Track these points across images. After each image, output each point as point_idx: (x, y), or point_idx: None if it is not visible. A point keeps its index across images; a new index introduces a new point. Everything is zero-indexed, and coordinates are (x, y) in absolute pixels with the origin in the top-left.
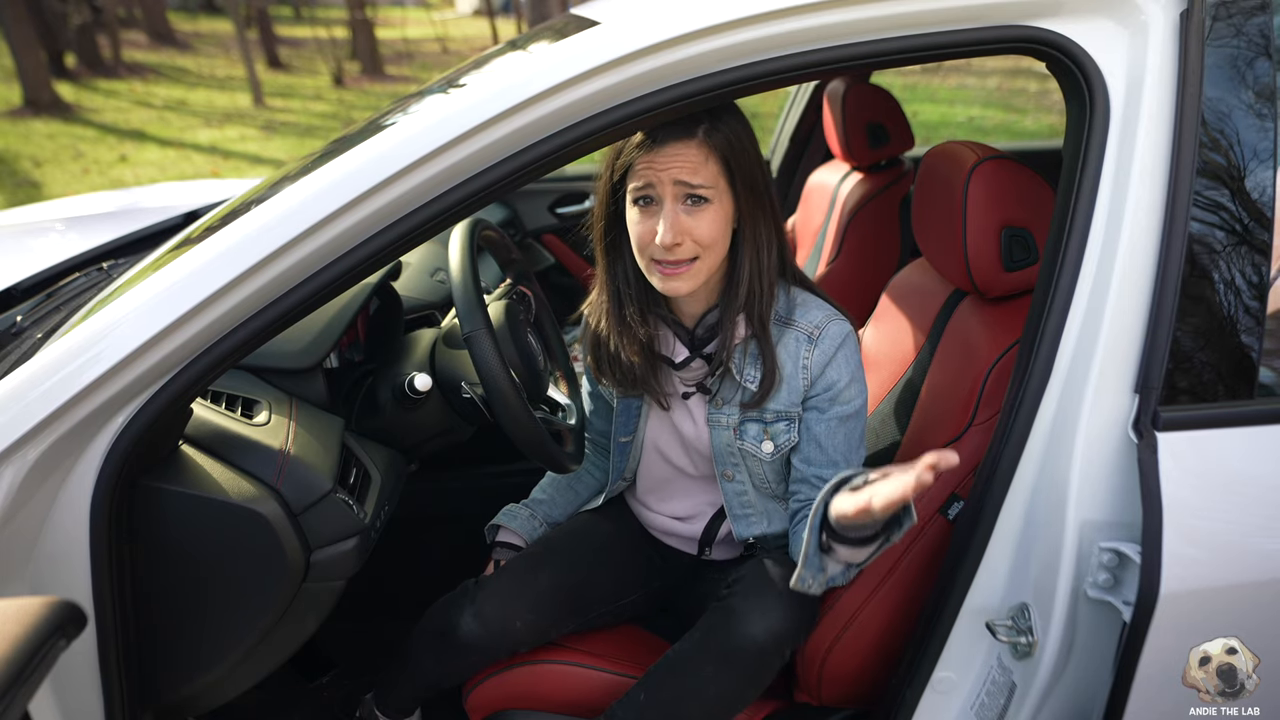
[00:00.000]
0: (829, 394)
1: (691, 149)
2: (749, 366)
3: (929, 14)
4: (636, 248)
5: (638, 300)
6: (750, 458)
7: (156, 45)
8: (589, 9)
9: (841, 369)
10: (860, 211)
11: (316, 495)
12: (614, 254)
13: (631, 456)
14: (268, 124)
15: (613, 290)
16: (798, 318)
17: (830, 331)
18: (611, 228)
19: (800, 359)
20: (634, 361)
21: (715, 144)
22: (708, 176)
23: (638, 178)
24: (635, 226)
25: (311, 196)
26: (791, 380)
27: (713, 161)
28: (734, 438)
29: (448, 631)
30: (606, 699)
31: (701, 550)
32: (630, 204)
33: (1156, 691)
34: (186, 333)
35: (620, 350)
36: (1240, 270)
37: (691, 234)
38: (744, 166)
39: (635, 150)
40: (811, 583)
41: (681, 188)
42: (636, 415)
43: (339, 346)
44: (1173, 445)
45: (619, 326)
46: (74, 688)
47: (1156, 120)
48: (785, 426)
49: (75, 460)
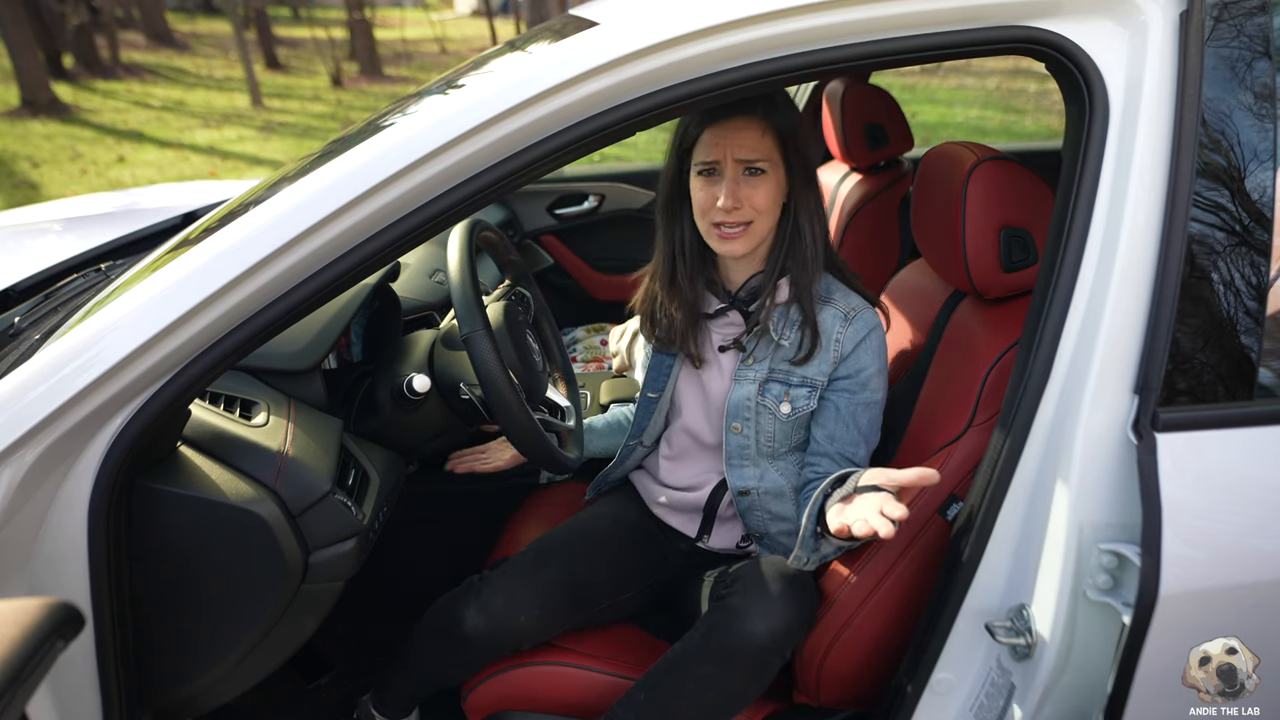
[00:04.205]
0: (859, 378)
1: (753, 125)
2: (787, 329)
3: (929, 14)
4: (699, 212)
5: (690, 263)
6: (765, 414)
7: (154, 46)
8: (588, 9)
9: (871, 356)
10: (859, 212)
11: (315, 496)
12: (673, 220)
13: (656, 414)
14: (266, 125)
15: (668, 252)
16: (836, 298)
17: (864, 317)
18: (674, 196)
19: (834, 334)
20: (676, 317)
21: (774, 123)
22: (764, 151)
23: (703, 152)
24: (699, 193)
25: (310, 197)
26: (824, 351)
27: (770, 138)
28: (756, 393)
29: (453, 626)
30: (605, 700)
31: (700, 534)
32: (695, 174)
33: (1156, 692)
34: (185, 334)
35: (667, 305)
36: (1240, 271)
37: (750, 200)
38: (797, 145)
39: (700, 126)
40: (807, 561)
41: (741, 163)
42: (668, 374)
43: (337, 347)
44: (1172, 446)
45: (670, 285)
46: (72, 689)
47: (1156, 121)
48: (806, 393)
49: (73, 461)
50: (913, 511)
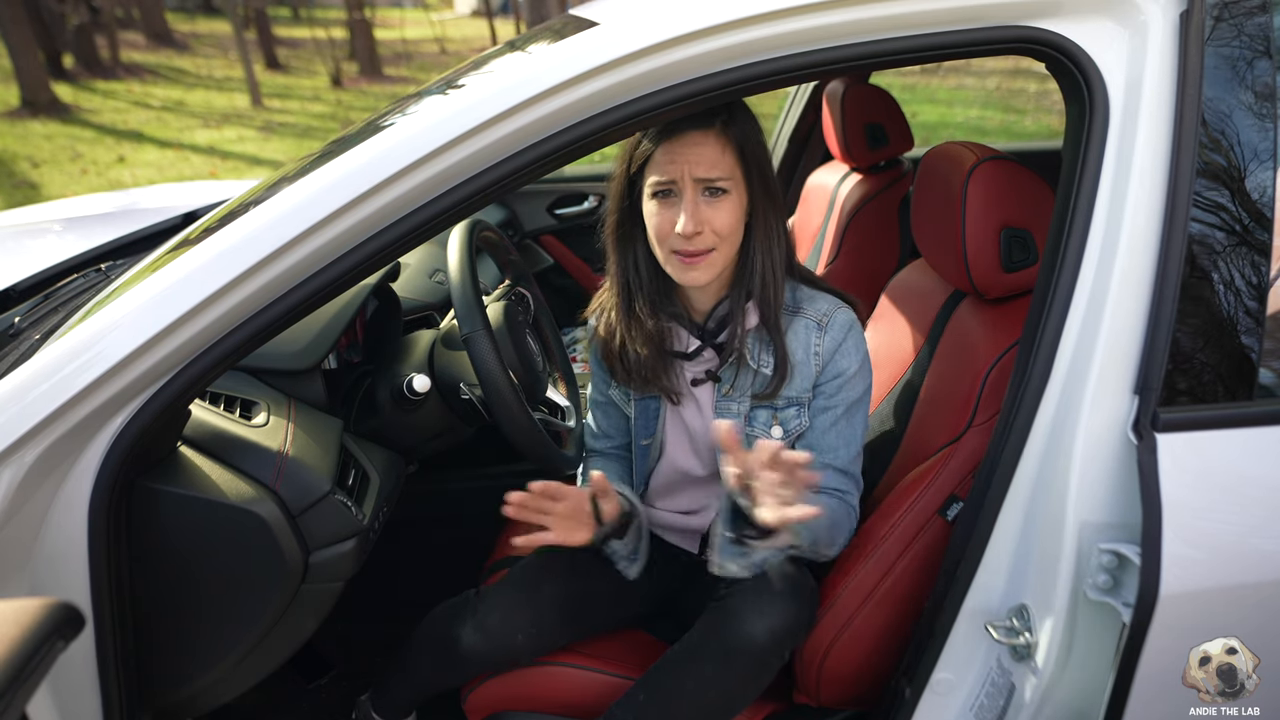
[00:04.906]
0: (837, 381)
1: (711, 140)
2: (763, 353)
3: (929, 14)
4: (655, 238)
5: (648, 293)
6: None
7: (154, 46)
8: (588, 9)
9: (851, 356)
10: (859, 212)
11: (315, 496)
12: (626, 246)
13: (650, 458)
14: (266, 125)
15: (623, 283)
16: (805, 306)
17: (838, 319)
18: (625, 220)
19: (811, 346)
20: (642, 355)
21: (732, 136)
22: (726, 168)
23: (658, 171)
24: (654, 218)
25: (310, 198)
26: (804, 367)
27: (730, 154)
28: (744, 425)
29: (449, 643)
30: (605, 700)
31: (703, 548)
32: (648, 197)
33: (1156, 692)
34: (185, 334)
35: (629, 343)
36: (1240, 271)
37: (711, 223)
38: (759, 161)
39: (653, 142)
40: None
41: (701, 182)
42: (655, 416)
43: (337, 347)
44: (1172, 446)
45: (627, 319)
46: (72, 689)
47: (1156, 121)
48: (796, 412)
49: (74, 461)
50: (913, 512)
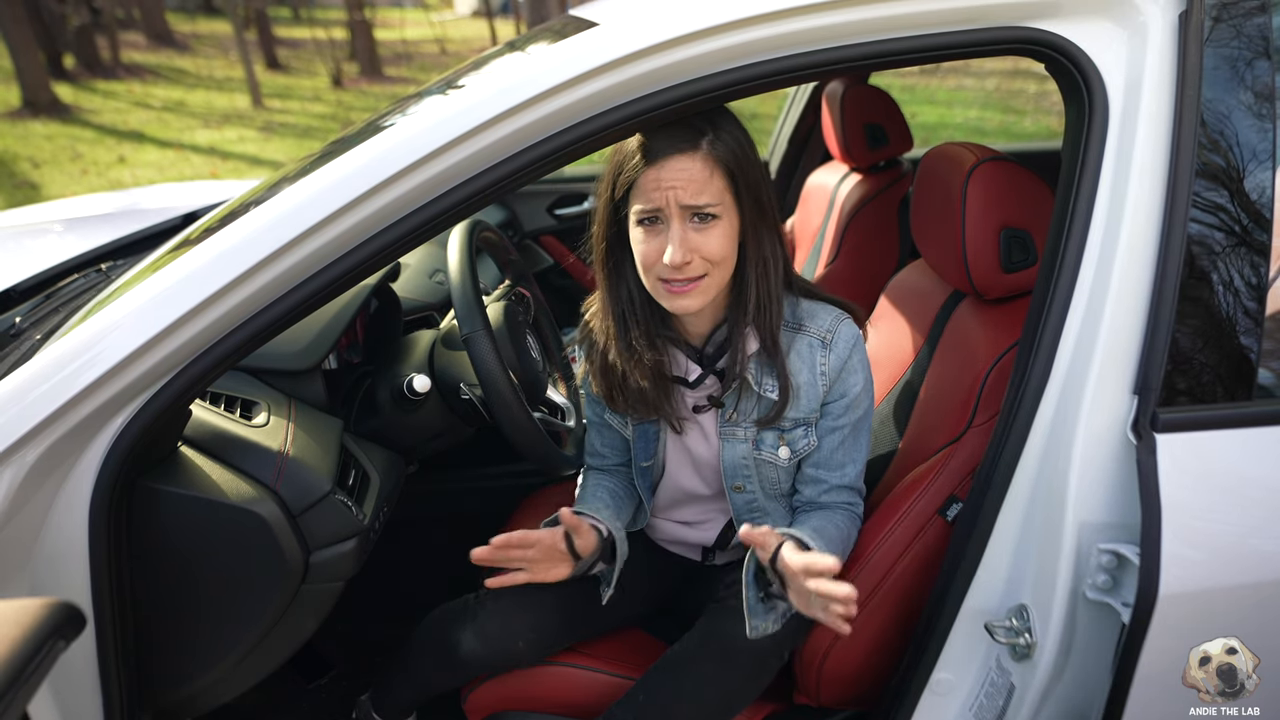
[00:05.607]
0: (844, 401)
1: (696, 163)
2: (767, 377)
3: (929, 15)
4: (642, 267)
5: (643, 323)
6: (766, 465)
7: (155, 46)
8: (588, 9)
9: (857, 374)
10: (859, 213)
11: (315, 496)
12: (616, 276)
13: (652, 477)
14: (266, 125)
15: (617, 314)
16: (806, 323)
17: (842, 335)
18: (614, 249)
19: (817, 365)
20: (643, 386)
21: (720, 156)
22: (714, 193)
23: (642, 199)
24: (640, 246)
25: (310, 198)
26: (810, 388)
27: (718, 176)
28: (751, 449)
29: (449, 647)
30: (605, 700)
31: (705, 557)
32: (634, 224)
33: (1156, 692)
34: (185, 334)
35: (629, 375)
36: (1239, 271)
37: (700, 251)
38: (749, 178)
39: (636, 168)
40: (769, 627)
41: (689, 209)
42: (655, 440)
43: (338, 348)
44: (1171, 447)
45: (625, 351)
46: (73, 689)
47: (1155, 121)
48: (803, 432)
49: (74, 461)
50: (913, 512)
